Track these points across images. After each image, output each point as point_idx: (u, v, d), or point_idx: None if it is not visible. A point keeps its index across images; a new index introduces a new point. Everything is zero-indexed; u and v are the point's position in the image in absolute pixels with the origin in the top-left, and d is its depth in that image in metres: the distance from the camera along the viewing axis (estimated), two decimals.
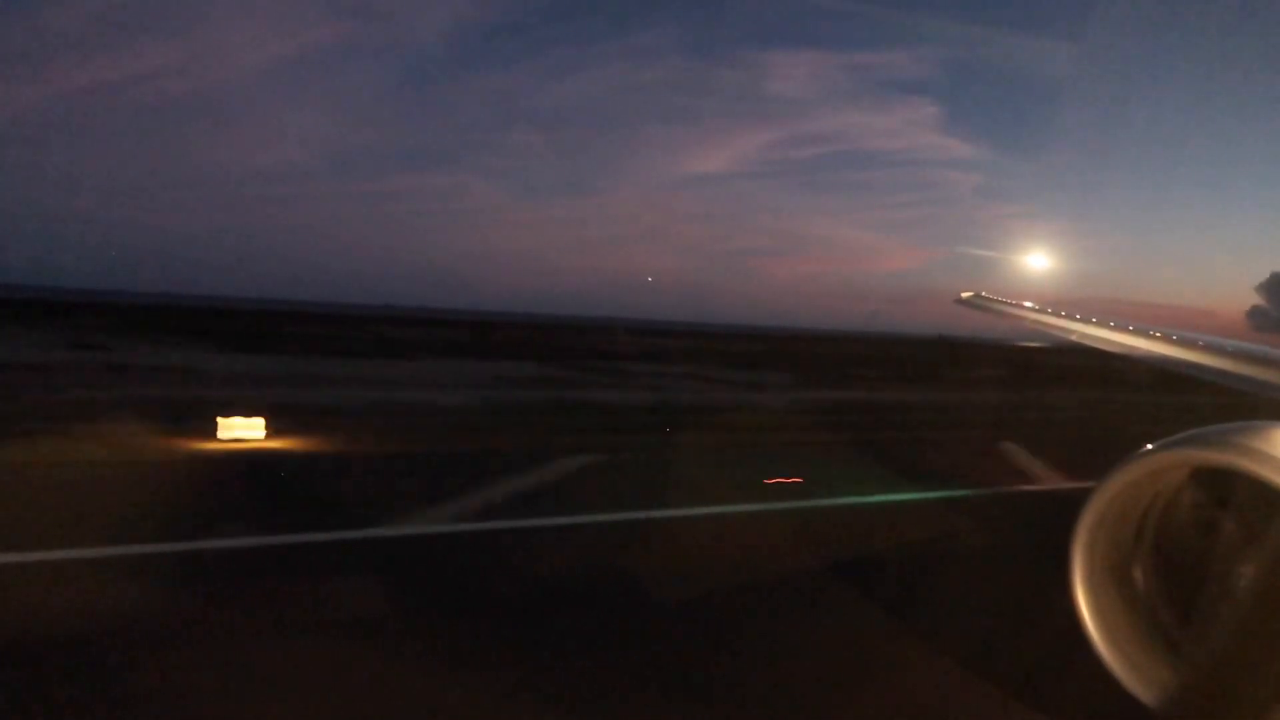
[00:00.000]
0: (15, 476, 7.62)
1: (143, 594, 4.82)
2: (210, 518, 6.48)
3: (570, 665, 4.07)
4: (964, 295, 6.24)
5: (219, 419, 9.71)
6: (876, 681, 4.02)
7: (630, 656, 4.21)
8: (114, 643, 4.08)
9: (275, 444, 9.67)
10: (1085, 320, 5.14)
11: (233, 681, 3.77)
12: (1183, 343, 4.24)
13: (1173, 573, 2.35)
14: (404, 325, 50.46)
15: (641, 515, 7.26)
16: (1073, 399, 21.35)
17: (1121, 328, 4.80)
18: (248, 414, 9.89)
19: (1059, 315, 5.41)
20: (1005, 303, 5.91)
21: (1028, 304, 5.73)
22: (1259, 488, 2.02)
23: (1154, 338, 4.49)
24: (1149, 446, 2.28)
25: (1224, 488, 2.23)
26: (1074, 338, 5.11)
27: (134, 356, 21.40)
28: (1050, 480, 9.68)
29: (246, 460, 8.92)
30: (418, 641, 4.33)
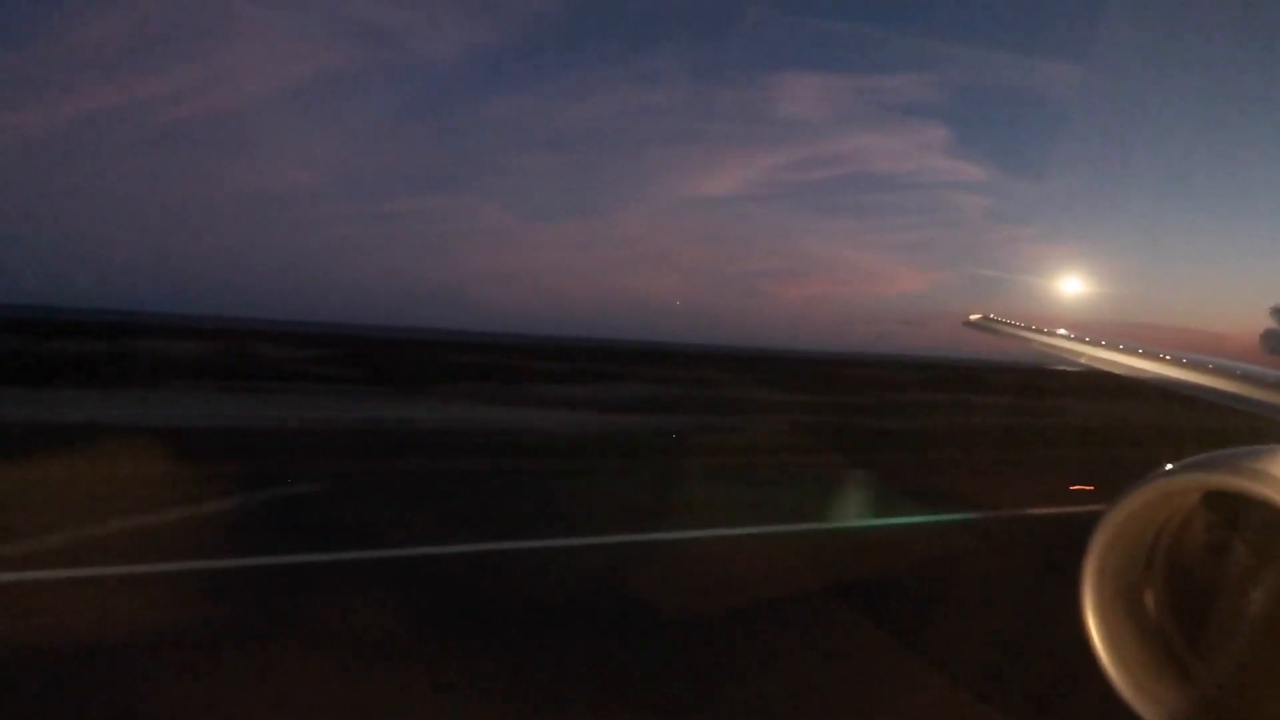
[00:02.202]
0: None
1: None
2: None
3: (576, 684, 4.06)
4: (972, 318, 6.25)
5: None
6: (884, 705, 3.99)
7: (636, 676, 4.20)
8: None
9: None
10: (1094, 343, 5.14)
11: None
12: (1192, 366, 4.23)
13: (1184, 597, 2.33)
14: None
15: (652, 537, 7.24)
16: None
17: (1130, 350, 4.79)
18: None
19: (1067, 338, 5.41)
20: (1013, 325, 5.92)
21: (1035, 326, 5.74)
22: (1270, 512, 2.02)
23: (1163, 360, 4.48)
24: (1160, 470, 2.27)
25: (1235, 512, 2.22)
26: (1083, 360, 5.11)
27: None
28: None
29: None
30: None
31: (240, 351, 30.59)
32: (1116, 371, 4.81)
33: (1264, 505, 2.02)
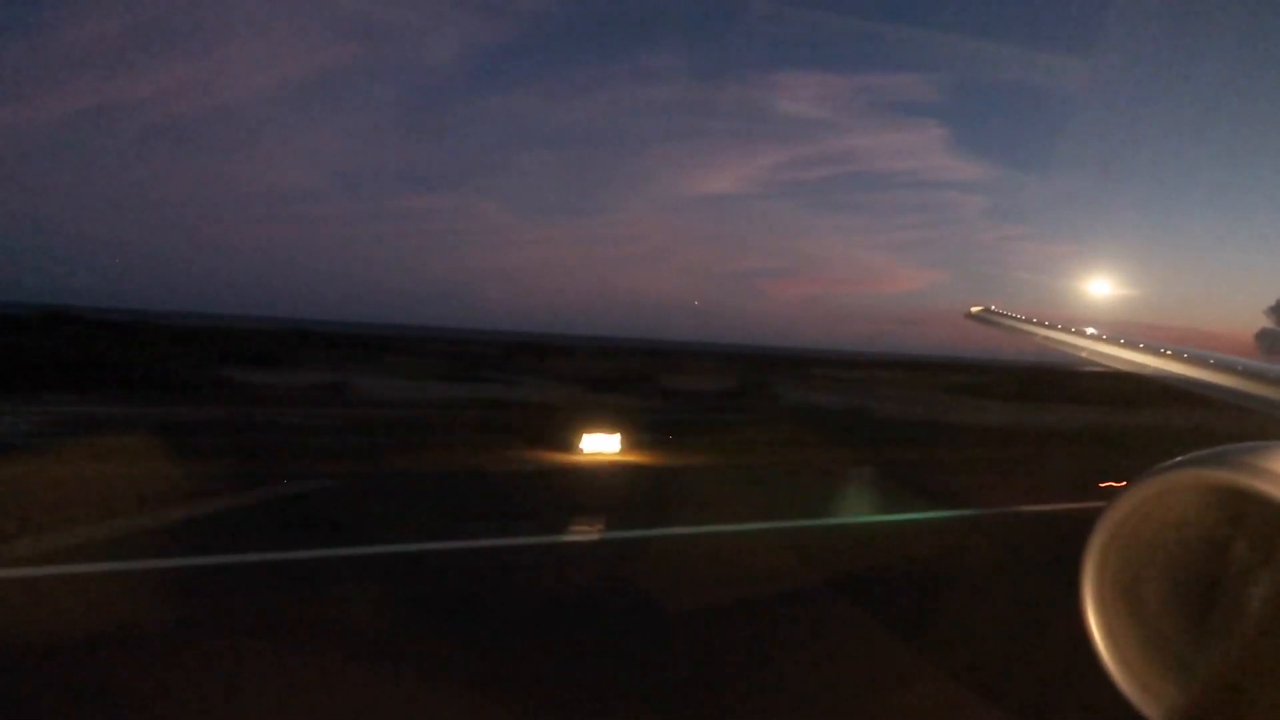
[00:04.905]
0: None
1: None
2: None
3: (580, 678, 4.07)
4: (974, 310, 6.23)
5: None
6: (883, 698, 4.00)
7: (640, 670, 4.21)
8: None
9: None
10: (1095, 337, 5.12)
11: None
12: (1193, 361, 4.21)
13: (1183, 593, 2.33)
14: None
15: (654, 532, 7.25)
16: None
17: (1132, 345, 4.77)
18: None
19: (1069, 331, 5.39)
20: (1015, 318, 5.89)
21: (1037, 319, 5.71)
22: (1270, 508, 2.01)
23: (1164, 355, 4.46)
24: (1160, 466, 2.27)
25: (1235, 508, 2.21)
26: (1084, 354, 5.09)
27: None
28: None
29: None
30: None
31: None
32: (1117, 366, 4.79)
33: (1264, 501, 2.01)
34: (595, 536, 6.95)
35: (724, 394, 25.01)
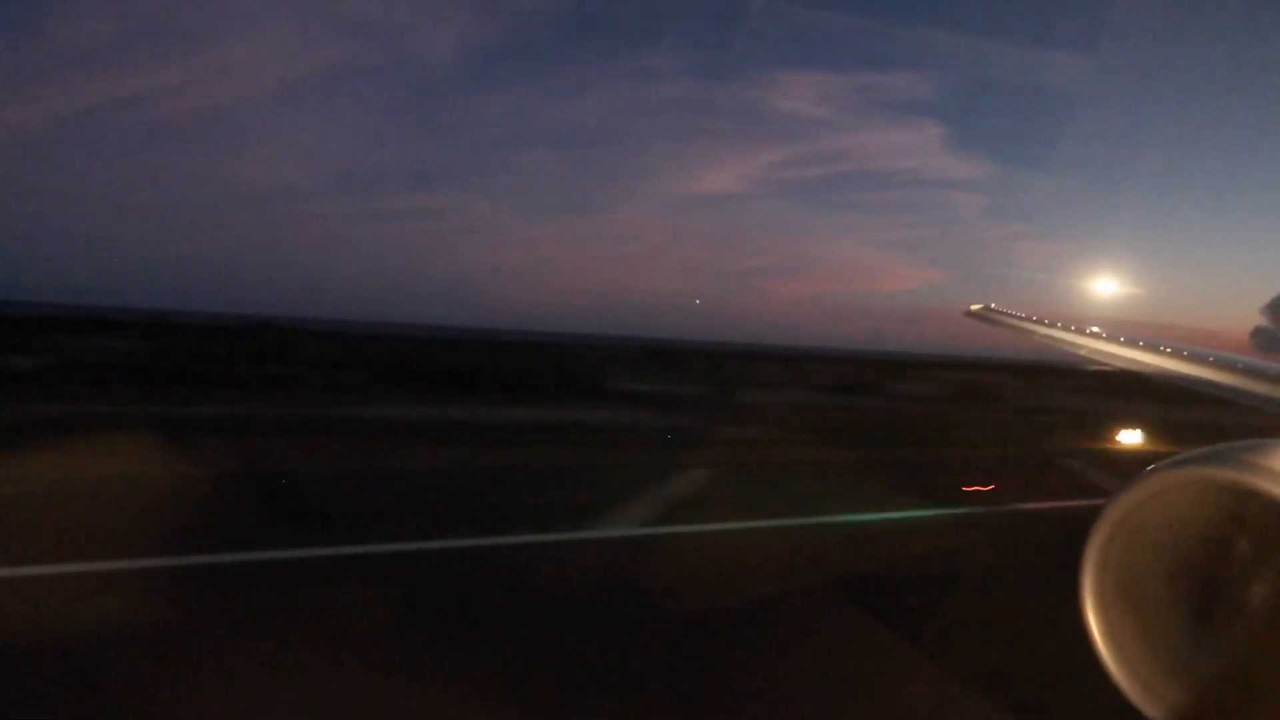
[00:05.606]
0: None
1: None
2: None
3: (580, 675, 4.07)
4: (973, 307, 6.23)
5: None
6: (879, 698, 4.00)
7: (634, 667, 4.21)
8: None
9: None
10: (1096, 335, 5.12)
11: None
12: (1193, 358, 4.22)
13: (1184, 591, 2.33)
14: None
15: (648, 531, 7.26)
16: None
17: (1131, 343, 4.78)
18: None
19: (1069, 329, 5.39)
20: (1015, 315, 5.90)
21: (1036, 318, 5.72)
22: (1271, 506, 2.01)
23: (1164, 353, 4.47)
24: (1161, 464, 2.26)
25: (1236, 506, 2.21)
26: (1083, 353, 5.09)
27: None
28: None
29: None
30: None
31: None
32: (1117, 364, 4.80)
33: (1265, 499, 2.01)
34: None
35: (959, 398, 24.26)
